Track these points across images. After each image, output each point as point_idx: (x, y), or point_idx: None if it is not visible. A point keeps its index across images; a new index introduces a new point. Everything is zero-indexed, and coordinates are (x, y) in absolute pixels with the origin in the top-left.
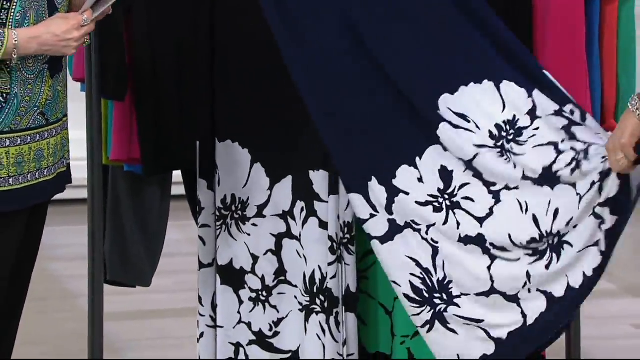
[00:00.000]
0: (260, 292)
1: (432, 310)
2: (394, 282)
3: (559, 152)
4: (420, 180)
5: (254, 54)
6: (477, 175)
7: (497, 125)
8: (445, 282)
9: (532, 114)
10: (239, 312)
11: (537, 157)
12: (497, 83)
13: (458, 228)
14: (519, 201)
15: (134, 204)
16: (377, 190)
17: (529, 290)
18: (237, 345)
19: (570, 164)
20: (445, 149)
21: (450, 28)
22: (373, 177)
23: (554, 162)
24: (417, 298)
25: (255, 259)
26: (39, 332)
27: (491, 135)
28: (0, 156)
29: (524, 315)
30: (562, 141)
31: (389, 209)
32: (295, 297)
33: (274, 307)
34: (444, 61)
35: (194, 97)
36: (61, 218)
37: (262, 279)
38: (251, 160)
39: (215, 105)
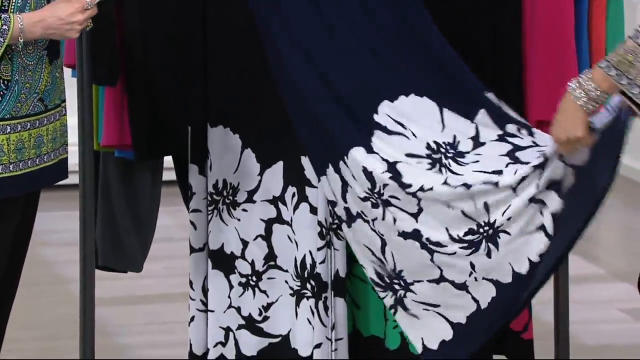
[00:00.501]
0: (250, 277)
1: (394, 296)
2: (362, 266)
3: (500, 173)
4: (354, 177)
5: (247, 40)
6: (395, 177)
7: (436, 142)
8: (397, 271)
9: (476, 140)
10: (229, 297)
11: (471, 173)
12: (440, 104)
13: (395, 224)
14: (440, 201)
15: (125, 190)
16: (333, 179)
17: (476, 279)
18: (227, 330)
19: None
20: (368, 151)
21: (395, 42)
22: (330, 165)
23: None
24: (380, 283)
25: (245, 244)
26: (32, 317)
27: (429, 147)
28: (1, 143)
29: (476, 301)
30: (506, 166)
31: (344, 198)
32: (286, 282)
33: (264, 291)
34: (386, 71)
35: (186, 83)
36: (53, 204)
37: (252, 264)
38: (242, 145)
39: (207, 90)
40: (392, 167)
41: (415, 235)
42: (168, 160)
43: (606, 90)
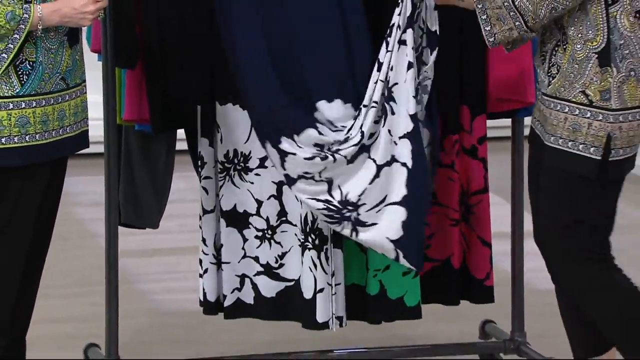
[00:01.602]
0: (265, 231)
1: (350, 221)
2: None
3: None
4: (299, 146)
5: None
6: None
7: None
8: (345, 198)
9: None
10: (243, 249)
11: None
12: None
13: (345, 158)
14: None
15: (143, 158)
16: (271, 151)
17: (395, 143)
18: (243, 277)
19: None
20: (320, 134)
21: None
22: (267, 141)
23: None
24: (333, 221)
25: (259, 203)
26: (65, 266)
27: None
28: (28, 115)
29: (404, 165)
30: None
31: (283, 167)
32: (296, 235)
33: (278, 242)
34: (325, 74)
35: (196, 66)
36: (82, 170)
37: (267, 220)
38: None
39: (215, 73)
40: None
41: (362, 148)
42: (181, 132)
43: (466, 4)
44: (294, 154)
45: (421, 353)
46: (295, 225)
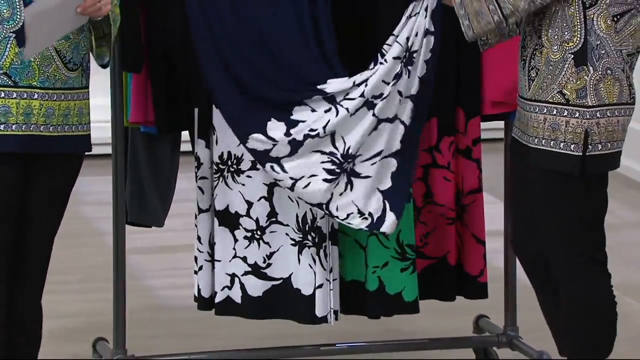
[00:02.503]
0: (254, 232)
1: (345, 173)
2: (313, 176)
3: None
4: (313, 110)
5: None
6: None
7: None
8: (346, 151)
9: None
10: (234, 249)
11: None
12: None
13: (347, 110)
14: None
15: (149, 159)
16: (275, 126)
17: (401, 102)
18: (233, 276)
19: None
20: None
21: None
22: (272, 118)
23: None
24: (332, 177)
25: (250, 204)
26: (73, 263)
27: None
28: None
29: (402, 122)
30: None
31: (287, 134)
32: (287, 234)
33: (267, 243)
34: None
35: (196, 72)
36: (90, 170)
37: (257, 221)
38: None
39: None
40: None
41: (363, 102)
42: (185, 134)
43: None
44: (304, 120)
45: (418, 347)
46: (287, 225)
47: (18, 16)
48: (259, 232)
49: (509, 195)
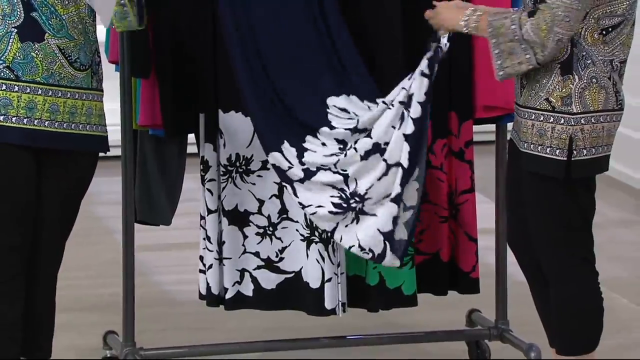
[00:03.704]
0: (267, 228)
1: (354, 211)
2: (319, 207)
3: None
4: (323, 144)
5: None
6: (363, 131)
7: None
8: (357, 192)
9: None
10: (243, 245)
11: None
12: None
13: (357, 153)
14: (387, 108)
15: (157, 160)
16: (290, 150)
17: (401, 145)
18: (242, 271)
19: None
20: (332, 128)
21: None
22: (285, 141)
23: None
24: (339, 210)
25: (261, 202)
26: (85, 260)
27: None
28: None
29: (401, 165)
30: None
31: (300, 161)
32: (297, 230)
33: (279, 238)
34: (328, 75)
35: (202, 77)
36: (102, 171)
37: (268, 218)
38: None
39: (218, 83)
40: (355, 128)
41: (376, 147)
42: (191, 137)
43: (478, 31)
44: (315, 151)
45: (412, 339)
46: (297, 222)
47: (18, 11)
48: (270, 228)
49: (501, 195)
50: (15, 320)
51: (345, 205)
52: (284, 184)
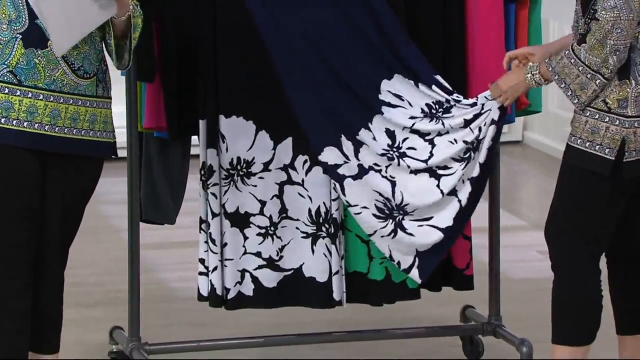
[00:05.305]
0: (268, 228)
1: (394, 221)
2: (364, 208)
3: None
4: (374, 138)
5: (251, 43)
6: (414, 131)
7: (426, 104)
8: (402, 204)
9: (447, 102)
10: (244, 246)
11: (459, 118)
12: (415, 82)
13: (409, 167)
14: (449, 140)
15: (162, 161)
16: (347, 144)
17: (463, 182)
18: (243, 271)
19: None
20: (385, 118)
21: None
22: (342, 135)
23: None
24: (381, 215)
25: (263, 203)
26: (92, 258)
27: (422, 111)
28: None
29: (459, 201)
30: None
31: (357, 156)
32: (297, 228)
33: (279, 237)
34: (378, 57)
35: (203, 82)
36: (108, 172)
37: (270, 218)
38: (256, 128)
39: (219, 89)
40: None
41: (427, 169)
42: (195, 139)
43: (547, 80)
44: (369, 145)
45: (409, 334)
46: (297, 220)
47: (23, 18)
48: (272, 228)
49: (495, 194)
50: (23, 315)
51: (387, 212)
52: (333, 182)
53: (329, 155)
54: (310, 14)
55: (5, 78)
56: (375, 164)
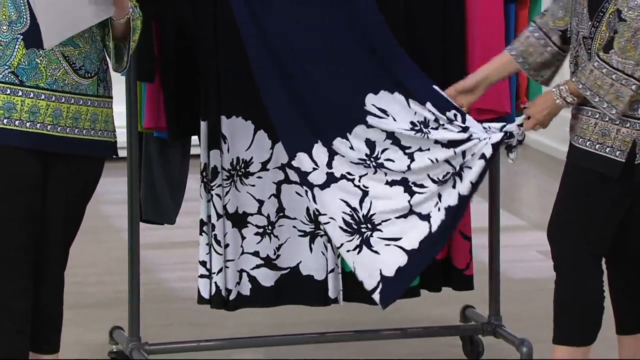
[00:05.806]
0: (266, 227)
1: (361, 237)
2: (331, 218)
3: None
4: (351, 147)
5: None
6: (395, 142)
7: (412, 122)
8: (369, 215)
9: (437, 121)
10: (241, 246)
11: (448, 134)
12: (406, 97)
13: (385, 176)
14: (429, 158)
15: (161, 162)
16: (319, 150)
17: (439, 209)
18: (241, 272)
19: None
20: (368, 127)
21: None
22: (319, 140)
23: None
24: (348, 229)
25: (261, 203)
26: (92, 257)
27: (411, 123)
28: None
29: (430, 226)
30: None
31: (328, 165)
32: (295, 227)
33: (276, 236)
34: (365, 70)
35: (204, 83)
36: (108, 172)
37: (268, 217)
38: (254, 128)
39: (221, 89)
40: (390, 135)
41: (403, 181)
42: (194, 139)
43: (575, 98)
44: (343, 155)
45: (409, 334)
46: (294, 219)
47: (25, 18)
48: (270, 227)
49: (494, 194)
50: (24, 315)
51: (355, 226)
52: (304, 187)
53: (301, 161)
54: (296, 17)
55: (7, 79)
56: (349, 173)
